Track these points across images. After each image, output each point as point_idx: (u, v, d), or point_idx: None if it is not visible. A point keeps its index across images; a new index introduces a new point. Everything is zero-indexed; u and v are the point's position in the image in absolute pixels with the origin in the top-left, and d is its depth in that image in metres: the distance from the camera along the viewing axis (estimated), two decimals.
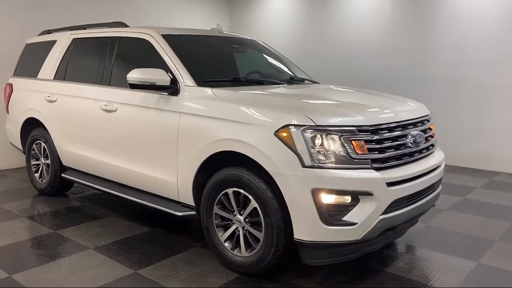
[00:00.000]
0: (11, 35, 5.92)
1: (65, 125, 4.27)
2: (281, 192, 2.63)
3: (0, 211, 4.26)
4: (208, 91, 3.15)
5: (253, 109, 2.81)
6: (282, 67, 4.24)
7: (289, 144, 2.58)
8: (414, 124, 3.01)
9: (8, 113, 5.24)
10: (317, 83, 4.12)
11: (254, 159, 2.71)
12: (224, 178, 2.93)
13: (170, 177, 3.28)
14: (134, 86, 3.25)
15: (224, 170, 2.94)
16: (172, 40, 3.58)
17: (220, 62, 3.99)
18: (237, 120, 2.83)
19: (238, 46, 4.24)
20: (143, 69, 3.25)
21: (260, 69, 4.15)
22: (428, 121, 3.24)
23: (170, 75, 3.27)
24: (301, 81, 4.02)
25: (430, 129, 3.25)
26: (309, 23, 7.78)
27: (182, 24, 7.82)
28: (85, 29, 4.52)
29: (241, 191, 2.85)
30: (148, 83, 3.20)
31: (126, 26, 4.06)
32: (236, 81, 3.56)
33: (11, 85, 5.14)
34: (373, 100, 3.31)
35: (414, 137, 2.90)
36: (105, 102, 3.78)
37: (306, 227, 2.59)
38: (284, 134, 2.61)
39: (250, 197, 2.79)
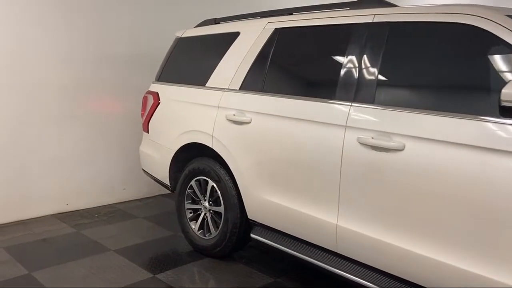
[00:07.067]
0: (143, 28, 4.56)
1: (266, 161, 2.74)
2: None
3: None
4: None
5: None
6: None
7: None
8: None
9: (147, 132, 3.82)
10: None
11: None
12: None
13: None
14: None
15: None
16: None
17: None
18: None
19: None
20: None
21: None
22: None
23: None
24: None
25: None
26: None
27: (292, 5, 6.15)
28: (291, 14, 3.00)
29: None
30: None
31: (391, 5, 2.48)
32: None
33: (156, 95, 3.71)
34: None
35: None
36: (372, 133, 2.20)
37: None
38: None
39: None
